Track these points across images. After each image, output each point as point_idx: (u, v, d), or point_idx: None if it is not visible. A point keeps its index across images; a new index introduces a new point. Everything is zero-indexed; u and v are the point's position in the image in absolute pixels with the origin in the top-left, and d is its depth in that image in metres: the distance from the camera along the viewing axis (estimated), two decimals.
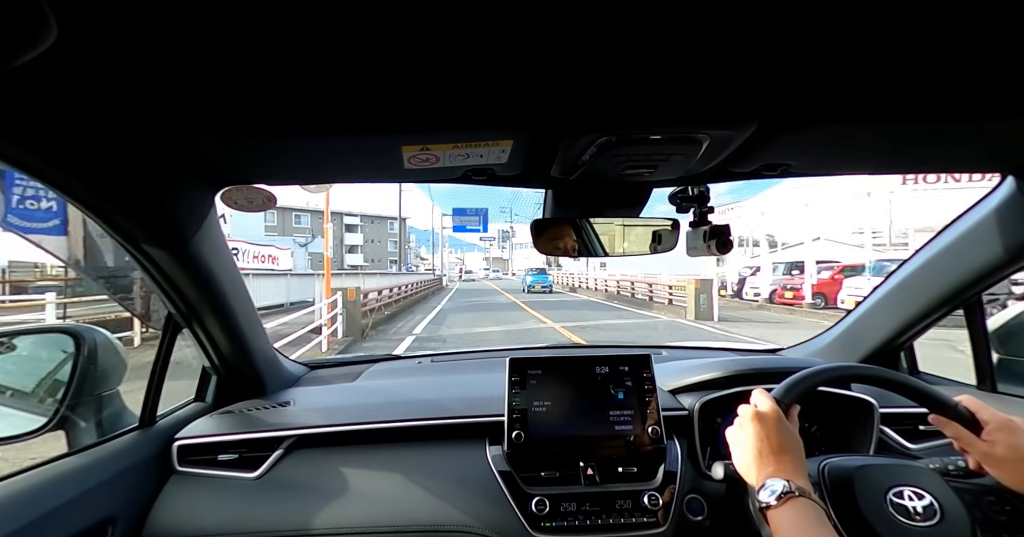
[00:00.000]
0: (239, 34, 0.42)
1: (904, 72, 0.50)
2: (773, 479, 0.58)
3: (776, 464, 0.60)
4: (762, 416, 0.64)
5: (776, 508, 0.56)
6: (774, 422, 0.63)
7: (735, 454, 0.66)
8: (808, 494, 0.56)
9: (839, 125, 0.61)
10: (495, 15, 0.40)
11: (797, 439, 0.64)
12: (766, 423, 0.63)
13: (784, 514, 0.55)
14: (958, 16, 0.41)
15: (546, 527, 0.81)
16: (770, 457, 0.61)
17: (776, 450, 0.61)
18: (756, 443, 0.63)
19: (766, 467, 0.61)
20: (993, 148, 0.72)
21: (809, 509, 0.55)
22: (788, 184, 14.66)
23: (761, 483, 0.59)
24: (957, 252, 0.94)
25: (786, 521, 0.55)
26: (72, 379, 0.91)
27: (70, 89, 0.48)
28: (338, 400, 1.08)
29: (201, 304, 0.88)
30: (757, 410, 0.65)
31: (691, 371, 1.07)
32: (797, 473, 0.59)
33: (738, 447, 0.66)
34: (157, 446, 0.89)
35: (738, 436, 0.66)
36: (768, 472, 0.60)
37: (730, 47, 0.45)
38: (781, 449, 0.61)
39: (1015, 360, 1.29)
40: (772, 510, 0.56)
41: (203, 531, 0.82)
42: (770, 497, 0.57)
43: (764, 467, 0.61)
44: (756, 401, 0.67)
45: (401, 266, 37.13)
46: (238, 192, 0.80)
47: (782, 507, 0.56)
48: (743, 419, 0.66)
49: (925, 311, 1.04)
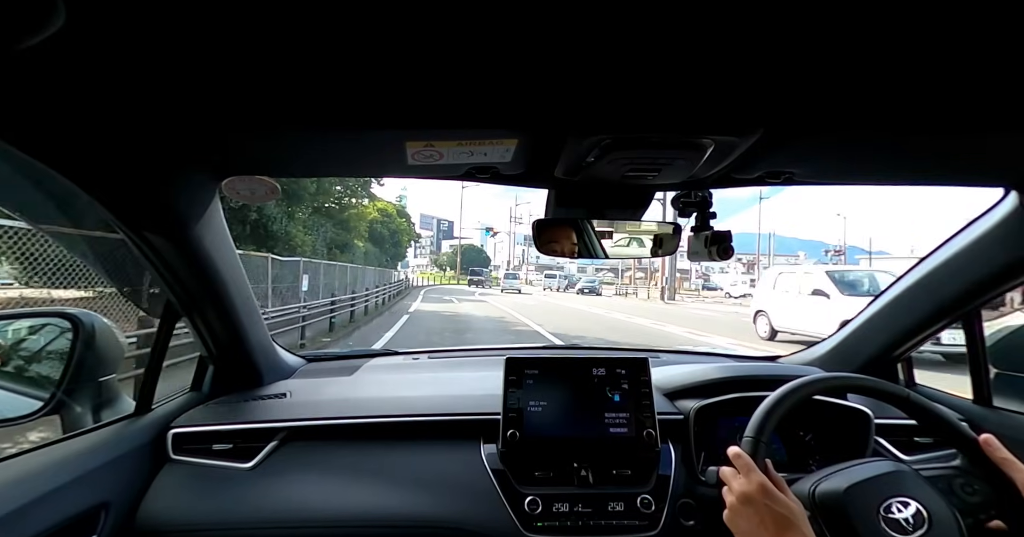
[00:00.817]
0: (246, 26, 0.42)
1: (909, 84, 0.50)
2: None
3: (775, 529, 0.57)
4: (749, 498, 0.61)
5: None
6: (763, 499, 0.60)
7: (738, 515, 0.62)
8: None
9: (844, 135, 0.61)
10: (503, 14, 0.40)
11: (793, 506, 0.60)
12: (756, 505, 0.60)
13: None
14: (963, 28, 0.41)
15: (538, 527, 0.81)
16: (769, 518, 0.58)
17: (777, 529, 0.58)
18: (756, 530, 0.59)
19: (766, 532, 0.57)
20: (996, 162, 0.72)
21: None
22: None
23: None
24: (957, 265, 0.94)
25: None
26: (69, 364, 0.91)
27: (75, 75, 0.48)
28: (335, 394, 1.08)
29: (200, 293, 0.88)
30: (742, 492, 0.62)
31: (688, 376, 1.07)
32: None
33: (740, 492, 0.62)
34: (152, 434, 0.89)
35: (737, 525, 0.63)
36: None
37: (737, 54, 0.45)
38: (780, 527, 0.58)
39: (1012, 375, 1.29)
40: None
41: (196, 520, 0.82)
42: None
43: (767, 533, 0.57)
44: (731, 482, 0.64)
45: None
46: (241, 182, 0.80)
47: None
48: (733, 506, 0.63)
49: (923, 323, 1.04)
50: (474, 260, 51.92)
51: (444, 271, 60.44)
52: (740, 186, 0.83)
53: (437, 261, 67.48)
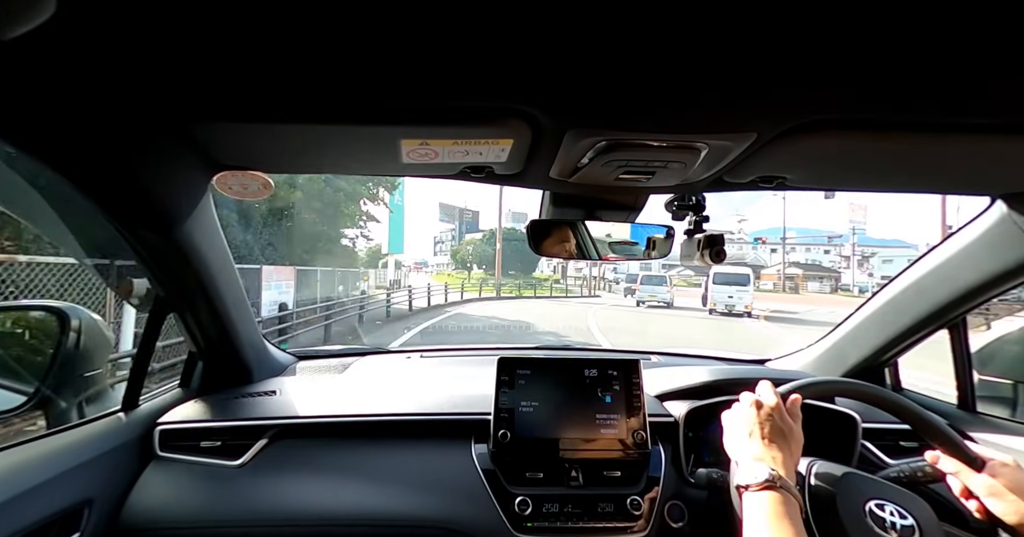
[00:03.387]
0: (239, 18, 0.41)
1: (901, 91, 0.51)
2: (759, 464, 0.59)
3: (765, 450, 0.61)
4: (761, 404, 0.66)
5: (753, 491, 0.57)
6: (771, 410, 0.65)
7: (727, 433, 0.68)
8: (789, 488, 0.57)
9: (836, 141, 0.61)
10: (500, 13, 0.40)
11: (796, 433, 0.65)
12: (763, 410, 0.65)
13: (759, 500, 0.56)
14: (953, 36, 0.42)
15: (528, 527, 0.81)
16: (760, 441, 0.62)
17: (768, 437, 0.63)
18: (748, 426, 0.64)
19: (753, 450, 0.62)
20: (985, 171, 0.73)
21: (784, 502, 0.56)
22: None
23: (746, 464, 0.60)
24: (944, 272, 0.96)
25: (759, 507, 0.56)
26: (55, 359, 0.90)
27: (65, 67, 0.47)
28: (325, 391, 1.07)
29: (191, 288, 0.87)
30: (756, 399, 0.68)
31: (679, 378, 1.08)
32: (783, 464, 0.60)
33: (731, 425, 0.68)
34: (139, 430, 0.88)
35: (733, 416, 0.69)
36: (754, 455, 0.61)
37: (732, 58, 0.45)
38: (773, 437, 0.63)
39: (996, 382, 1.31)
40: (748, 492, 0.58)
41: (182, 517, 0.81)
42: (750, 479, 0.58)
43: (751, 449, 0.62)
44: (760, 390, 0.70)
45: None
46: (233, 178, 0.79)
47: (760, 493, 0.57)
48: (743, 403, 0.69)
49: (910, 329, 1.06)
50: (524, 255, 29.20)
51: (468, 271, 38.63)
52: (733, 190, 0.83)
53: (458, 254, 42.91)
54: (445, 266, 51.38)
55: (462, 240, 48.30)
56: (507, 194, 35.80)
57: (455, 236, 52.03)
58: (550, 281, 31.71)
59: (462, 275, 36.70)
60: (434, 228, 67.31)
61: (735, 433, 0.66)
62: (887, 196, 13.07)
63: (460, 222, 56.37)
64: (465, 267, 40.54)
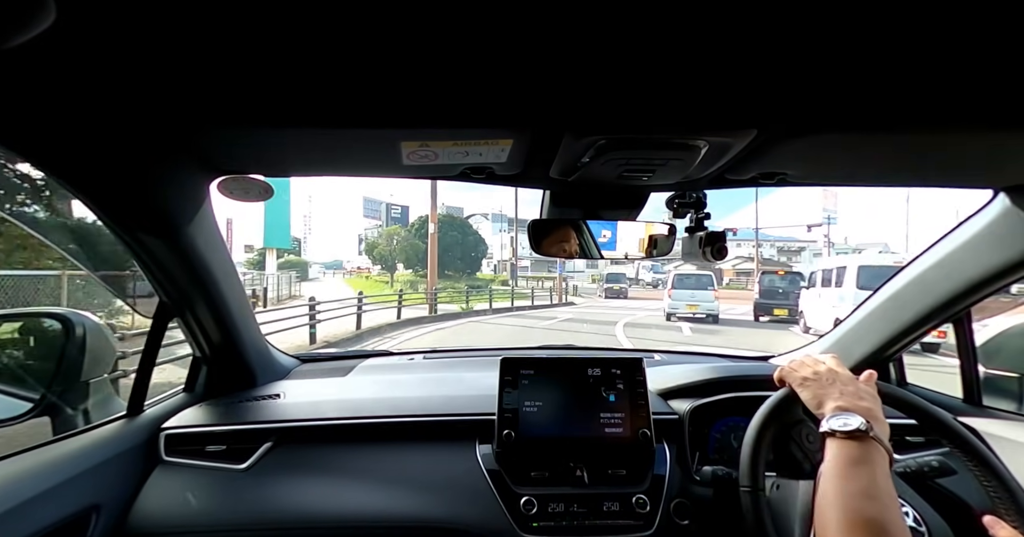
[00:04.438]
0: (240, 23, 0.41)
1: (902, 85, 0.51)
2: (849, 414, 0.56)
3: (857, 402, 0.58)
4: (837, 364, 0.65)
5: (842, 439, 0.54)
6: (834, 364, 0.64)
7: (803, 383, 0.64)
8: (881, 440, 0.54)
9: (837, 136, 0.61)
10: (499, 14, 0.40)
11: (875, 395, 0.62)
12: (843, 369, 0.63)
13: (850, 448, 0.53)
14: (953, 31, 0.42)
15: (534, 527, 0.81)
16: (846, 391, 0.59)
17: (857, 394, 0.59)
18: (830, 375, 0.62)
19: (841, 399, 0.58)
20: (984, 164, 0.72)
21: (878, 454, 0.52)
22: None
23: (833, 412, 0.57)
24: (947, 266, 0.95)
25: (847, 455, 0.52)
26: (60, 365, 0.90)
27: (66, 73, 0.47)
28: (329, 394, 1.07)
29: (193, 293, 0.87)
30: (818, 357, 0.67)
31: (682, 376, 1.08)
32: (876, 419, 0.56)
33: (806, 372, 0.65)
34: (144, 435, 0.89)
35: (806, 367, 0.65)
36: (844, 405, 0.57)
37: (731, 54, 0.45)
38: (862, 395, 0.59)
39: (1002, 375, 1.31)
40: (837, 439, 0.54)
41: (189, 521, 0.81)
42: (841, 426, 0.54)
43: (839, 398, 0.58)
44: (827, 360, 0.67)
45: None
46: (234, 182, 0.80)
47: (851, 441, 0.53)
48: (810, 357, 0.67)
49: (914, 324, 1.05)
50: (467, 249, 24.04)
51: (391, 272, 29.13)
52: (734, 187, 0.83)
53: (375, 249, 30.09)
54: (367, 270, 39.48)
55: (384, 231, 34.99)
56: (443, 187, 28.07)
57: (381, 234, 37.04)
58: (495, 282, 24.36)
59: (384, 277, 29.23)
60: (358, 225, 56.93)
61: (815, 381, 0.62)
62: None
63: (387, 217, 46.42)
64: (387, 267, 29.60)
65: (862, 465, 0.51)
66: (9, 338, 1.03)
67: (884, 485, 0.50)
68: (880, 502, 0.48)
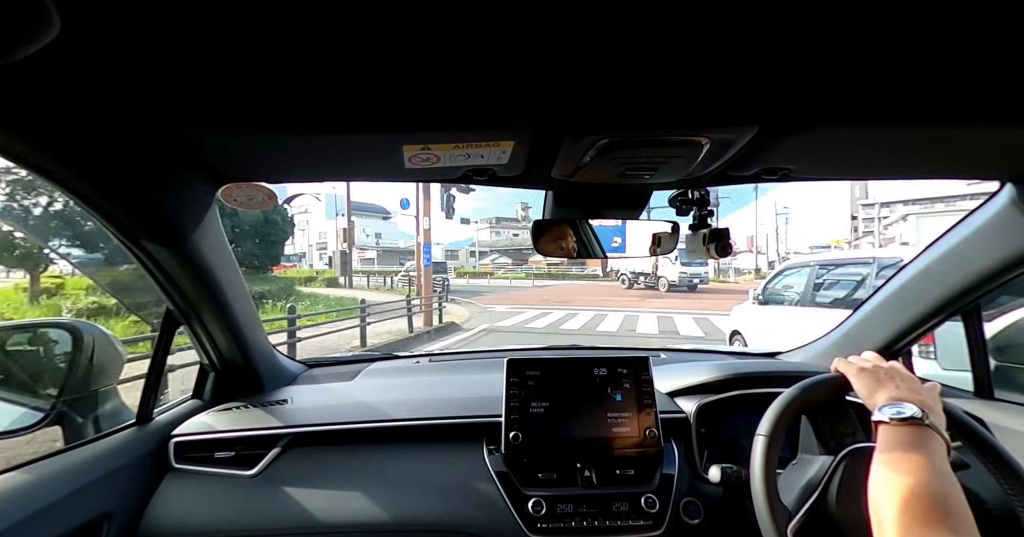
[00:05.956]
0: (242, 30, 0.42)
1: (905, 78, 0.50)
2: (904, 403, 0.54)
3: (910, 394, 0.56)
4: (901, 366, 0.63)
5: (897, 426, 0.52)
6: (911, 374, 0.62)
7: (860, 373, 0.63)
8: (937, 428, 0.52)
9: (840, 130, 0.61)
10: (498, 16, 0.40)
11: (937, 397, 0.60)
12: (905, 370, 0.62)
13: (905, 433, 0.51)
14: (957, 22, 0.41)
15: (542, 528, 0.81)
16: (903, 386, 0.58)
17: (911, 388, 0.58)
18: (891, 370, 0.61)
19: (897, 392, 0.57)
20: (992, 155, 0.72)
21: (934, 441, 0.51)
22: None
23: (888, 402, 0.56)
24: (955, 258, 0.94)
25: (901, 440, 0.51)
26: (69, 375, 0.91)
27: (71, 84, 0.48)
28: (336, 399, 1.08)
29: (199, 300, 0.88)
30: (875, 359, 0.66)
31: (689, 374, 1.07)
32: (932, 410, 0.55)
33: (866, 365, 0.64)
34: (154, 443, 0.89)
35: (866, 362, 0.65)
36: (899, 396, 0.56)
37: (732, 50, 0.45)
38: (917, 388, 0.58)
39: (1012, 367, 1.30)
40: (891, 426, 0.53)
41: (199, 528, 0.82)
42: (895, 414, 0.53)
43: (895, 391, 0.57)
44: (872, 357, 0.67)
45: None
46: (238, 189, 0.80)
47: (906, 427, 0.52)
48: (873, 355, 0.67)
49: (923, 317, 1.04)
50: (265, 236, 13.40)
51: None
52: (737, 183, 0.83)
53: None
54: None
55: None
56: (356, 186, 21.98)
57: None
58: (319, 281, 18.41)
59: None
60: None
61: (869, 373, 0.62)
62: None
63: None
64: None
65: (918, 449, 0.50)
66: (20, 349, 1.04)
67: (943, 466, 0.48)
68: (940, 479, 0.47)
